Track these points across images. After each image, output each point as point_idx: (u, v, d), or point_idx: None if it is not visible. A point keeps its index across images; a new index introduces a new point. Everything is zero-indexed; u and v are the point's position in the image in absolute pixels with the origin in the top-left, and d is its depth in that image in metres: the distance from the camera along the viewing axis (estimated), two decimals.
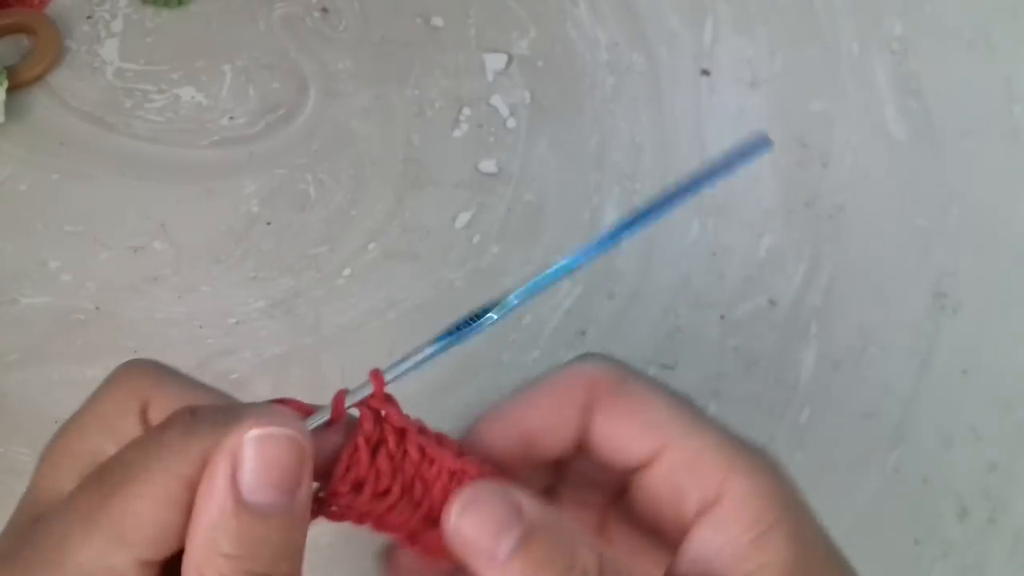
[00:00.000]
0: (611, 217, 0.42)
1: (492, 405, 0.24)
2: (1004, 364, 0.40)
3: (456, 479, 0.22)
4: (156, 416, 0.21)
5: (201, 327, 0.38)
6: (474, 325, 0.23)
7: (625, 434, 0.23)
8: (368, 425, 0.21)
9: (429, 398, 0.38)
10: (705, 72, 0.45)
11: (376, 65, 0.44)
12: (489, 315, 0.23)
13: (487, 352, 0.39)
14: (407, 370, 0.22)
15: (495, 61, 0.44)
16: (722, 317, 0.40)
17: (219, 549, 0.18)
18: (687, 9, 0.46)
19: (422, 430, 0.22)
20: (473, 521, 0.21)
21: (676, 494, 0.22)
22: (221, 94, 0.42)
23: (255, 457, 0.19)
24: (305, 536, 0.20)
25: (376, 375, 0.22)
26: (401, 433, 0.21)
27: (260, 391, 0.38)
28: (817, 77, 0.45)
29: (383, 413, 0.21)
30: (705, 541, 0.22)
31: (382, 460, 0.21)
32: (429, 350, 0.22)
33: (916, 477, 0.38)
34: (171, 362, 0.37)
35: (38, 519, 0.20)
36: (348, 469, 0.21)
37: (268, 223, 0.40)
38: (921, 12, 0.46)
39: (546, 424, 0.23)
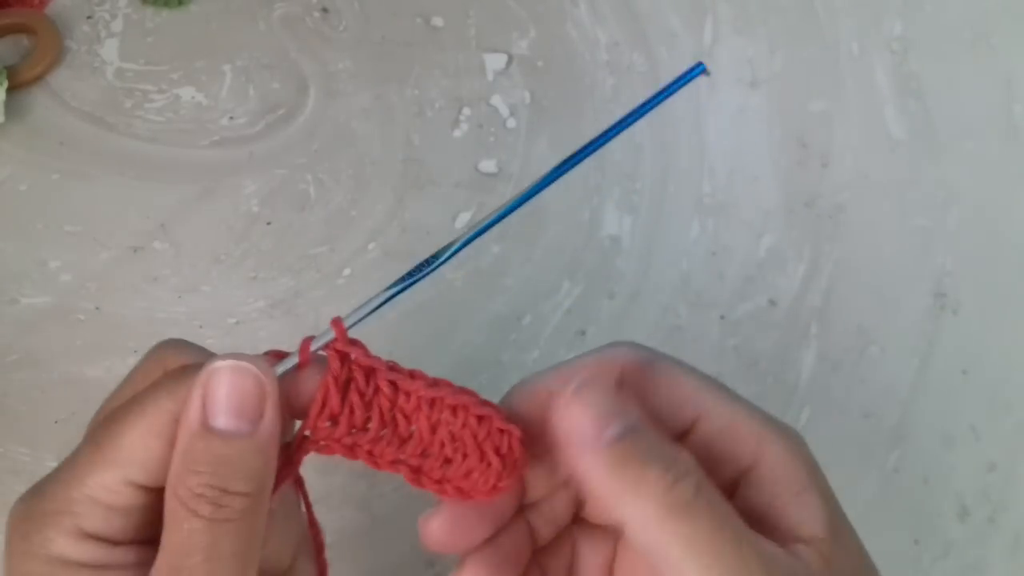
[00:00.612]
0: (611, 217, 0.42)
1: (525, 378, 0.25)
2: (1004, 364, 0.40)
3: (436, 408, 0.23)
4: None
5: (201, 327, 0.38)
6: (424, 271, 0.24)
7: (660, 408, 0.24)
8: (335, 365, 0.23)
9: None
10: (705, 72, 0.45)
11: (376, 65, 0.44)
12: (436, 260, 0.24)
13: (487, 352, 0.39)
14: (365, 315, 0.23)
15: (495, 61, 0.44)
16: (722, 317, 0.40)
17: (189, 466, 0.21)
18: (687, 9, 0.46)
19: (392, 367, 0.23)
20: (580, 407, 0.21)
21: (712, 461, 0.23)
22: (221, 94, 0.42)
23: (220, 386, 0.21)
24: (270, 464, 0.22)
25: (336, 322, 0.23)
26: (370, 371, 0.23)
27: None
28: (817, 77, 0.45)
29: (351, 355, 0.23)
30: (750, 500, 0.23)
31: (353, 395, 0.23)
32: (384, 296, 0.24)
33: (916, 477, 0.38)
34: None
35: None
36: (323, 406, 0.23)
37: (268, 223, 0.40)
38: (921, 12, 0.46)
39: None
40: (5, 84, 0.40)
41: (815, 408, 0.39)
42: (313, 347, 0.23)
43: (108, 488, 0.21)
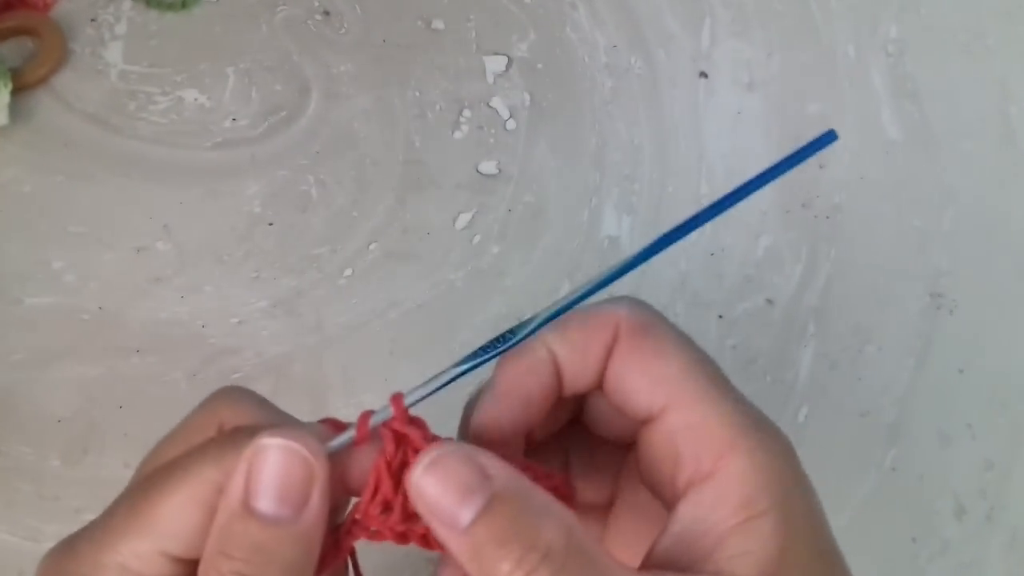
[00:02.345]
0: (610, 217, 0.42)
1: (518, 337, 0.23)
2: (1000, 363, 0.40)
3: None
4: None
5: (204, 327, 0.38)
6: (497, 348, 0.22)
7: (634, 384, 0.22)
8: (389, 447, 0.21)
9: (431, 397, 0.38)
10: (703, 74, 0.45)
11: (377, 67, 0.44)
12: (511, 338, 0.22)
13: None
14: (429, 393, 0.22)
15: (495, 63, 0.44)
16: (720, 316, 0.40)
17: (223, 548, 0.20)
18: (685, 12, 0.46)
19: None
20: (435, 482, 0.20)
21: (672, 459, 0.21)
22: (224, 96, 0.43)
23: (265, 465, 0.20)
24: (312, 554, 0.20)
25: (396, 399, 0.21)
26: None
27: (262, 390, 0.37)
28: (814, 79, 0.45)
29: (406, 434, 0.21)
30: (689, 517, 0.21)
31: (407, 483, 0.21)
32: (452, 372, 0.22)
33: (913, 475, 0.38)
34: (174, 362, 0.38)
35: None
36: (376, 491, 0.21)
37: (270, 224, 0.41)
38: (917, 15, 0.47)
39: (571, 357, 0.22)
40: (10, 86, 0.40)
41: (812, 407, 0.39)
42: (372, 423, 0.21)
43: (141, 557, 0.20)
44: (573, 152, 0.43)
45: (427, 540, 0.21)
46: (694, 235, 0.43)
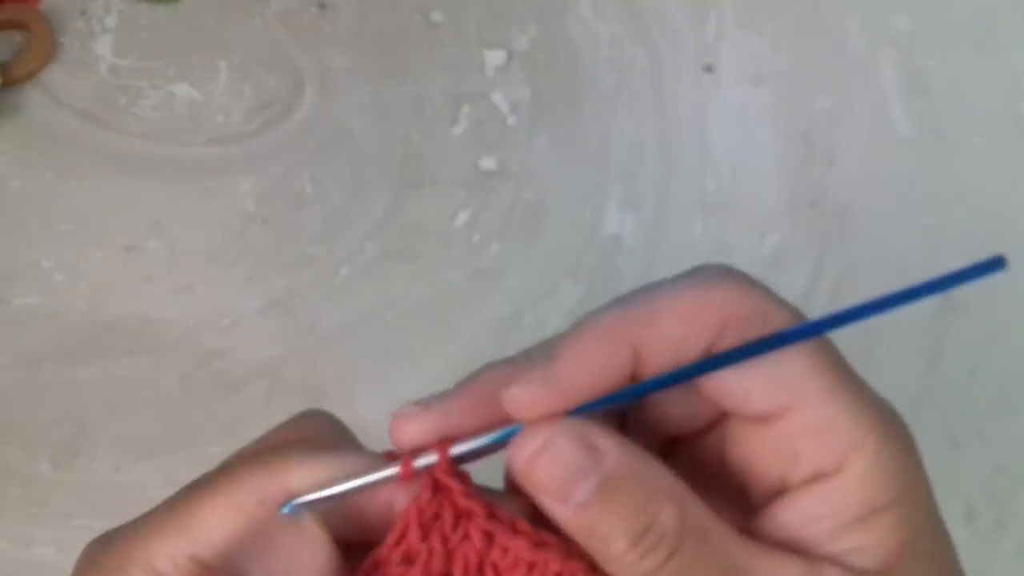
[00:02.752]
0: (613, 215, 0.41)
1: (598, 312, 0.20)
2: (1012, 366, 0.40)
3: (537, 571, 0.20)
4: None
5: (196, 328, 0.38)
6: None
7: (749, 388, 0.20)
8: (424, 495, 0.20)
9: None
10: (708, 68, 0.44)
11: (374, 62, 0.43)
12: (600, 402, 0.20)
13: (488, 352, 0.38)
14: (480, 448, 0.20)
15: (495, 57, 0.43)
16: None
17: None
18: (690, 4, 0.45)
19: (493, 514, 0.20)
20: (545, 465, 0.19)
21: (787, 457, 0.20)
22: (216, 91, 0.42)
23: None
24: None
25: (442, 445, 0.20)
26: (464, 514, 0.20)
27: (256, 393, 0.38)
28: (822, 73, 0.44)
29: (448, 487, 0.20)
30: (804, 509, 0.20)
31: (435, 539, 0.20)
32: (510, 428, 0.20)
33: None
34: (165, 364, 0.38)
35: None
36: (399, 541, 0.20)
37: (264, 222, 0.40)
38: (928, 8, 0.46)
39: (661, 356, 0.20)
40: None
41: None
42: (417, 464, 0.20)
43: (170, 558, 0.20)
44: (575, 148, 0.42)
45: None
46: (699, 234, 0.42)
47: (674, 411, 0.22)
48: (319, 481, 0.20)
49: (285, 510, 0.20)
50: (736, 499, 0.22)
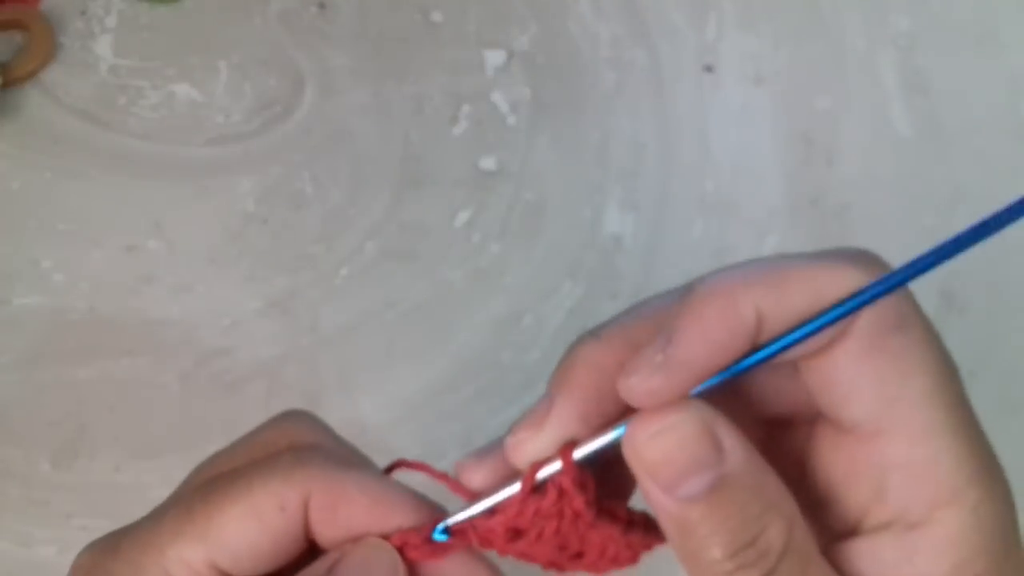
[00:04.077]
0: (613, 215, 0.41)
1: (716, 277, 0.19)
2: (1012, 365, 0.40)
3: (619, 544, 0.20)
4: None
5: (196, 328, 0.38)
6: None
7: (858, 394, 0.18)
8: (551, 499, 0.20)
9: (429, 398, 0.38)
10: (708, 68, 0.44)
11: (374, 61, 0.43)
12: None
13: (487, 353, 0.39)
14: (601, 448, 0.19)
15: (495, 57, 0.43)
16: None
17: None
18: (690, 4, 0.45)
19: (602, 509, 0.20)
20: (663, 448, 0.17)
21: (874, 486, 0.18)
22: (216, 91, 0.42)
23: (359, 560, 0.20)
24: None
25: (564, 452, 0.19)
26: (577, 515, 0.20)
27: (256, 393, 0.37)
28: (822, 73, 0.44)
29: (570, 494, 0.20)
30: (886, 561, 0.18)
31: (548, 531, 0.20)
32: (620, 430, 0.19)
33: None
34: (165, 363, 0.37)
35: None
36: (511, 525, 0.20)
37: (264, 222, 0.40)
38: (928, 7, 0.46)
39: (795, 306, 0.18)
40: None
41: None
42: (541, 474, 0.20)
43: (188, 564, 0.19)
44: (575, 148, 0.42)
45: (524, 556, 0.20)
46: (699, 234, 0.42)
47: (770, 390, 0.20)
48: (337, 494, 0.20)
49: (439, 535, 0.20)
50: (811, 512, 0.20)
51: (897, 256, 0.45)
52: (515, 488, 0.20)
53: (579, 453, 0.19)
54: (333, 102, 0.42)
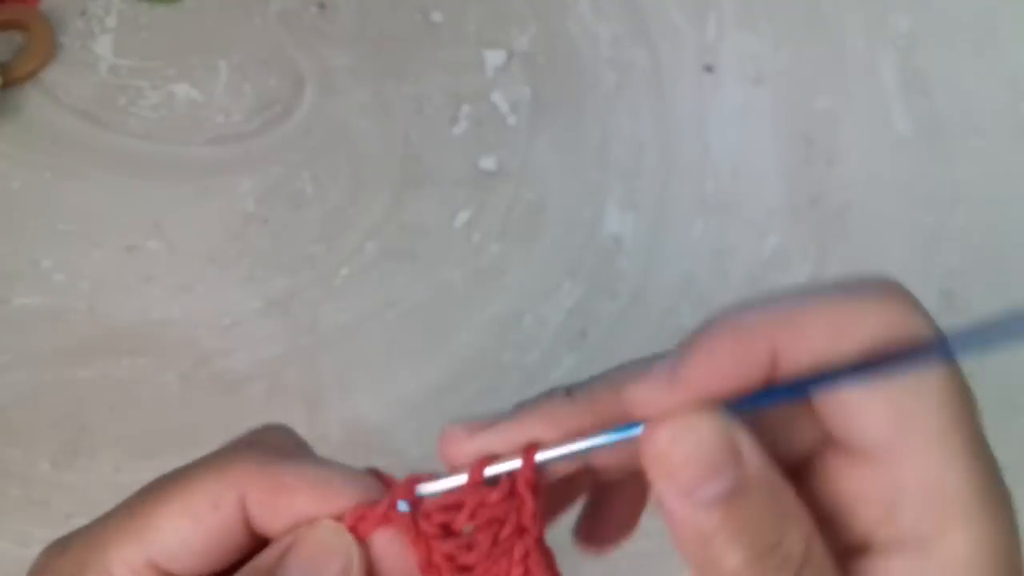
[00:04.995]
0: (613, 215, 0.41)
1: (759, 297, 0.18)
2: (1012, 365, 0.39)
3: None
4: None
5: (196, 328, 0.38)
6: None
7: (869, 415, 0.18)
8: (499, 496, 0.19)
9: (429, 398, 0.38)
10: (708, 68, 0.44)
11: (374, 61, 0.43)
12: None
13: (487, 353, 0.39)
14: (568, 455, 0.19)
15: (495, 57, 0.43)
16: None
17: None
18: (690, 4, 0.45)
19: (543, 546, 0.20)
20: (685, 450, 0.17)
21: (884, 505, 0.18)
22: (216, 91, 0.42)
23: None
24: None
25: (528, 452, 0.19)
26: (520, 531, 0.19)
27: (256, 393, 0.37)
28: (822, 73, 0.44)
29: (522, 499, 0.19)
30: None
31: (485, 535, 0.19)
32: (597, 440, 0.19)
33: None
34: (165, 364, 0.37)
35: None
36: (446, 519, 0.20)
37: (264, 222, 0.40)
38: (928, 8, 0.46)
39: (795, 363, 0.18)
40: None
41: None
42: (492, 471, 0.19)
43: (127, 563, 0.19)
44: (575, 148, 0.42)
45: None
46: (699, 234, 0.42)
47: (780, 430, 0.20)
48: (273, 486, 0.20)
49: (403, 507, 0.19)
50: (820, 531, 0.19)
51: (897, 256, 0.45)
52: (463, 478, 0.19)
53: (544, 456, 0.19)
54: (333, 102, 0.42)
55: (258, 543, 0.21)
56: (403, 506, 0.20)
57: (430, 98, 0.43)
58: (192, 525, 0.20)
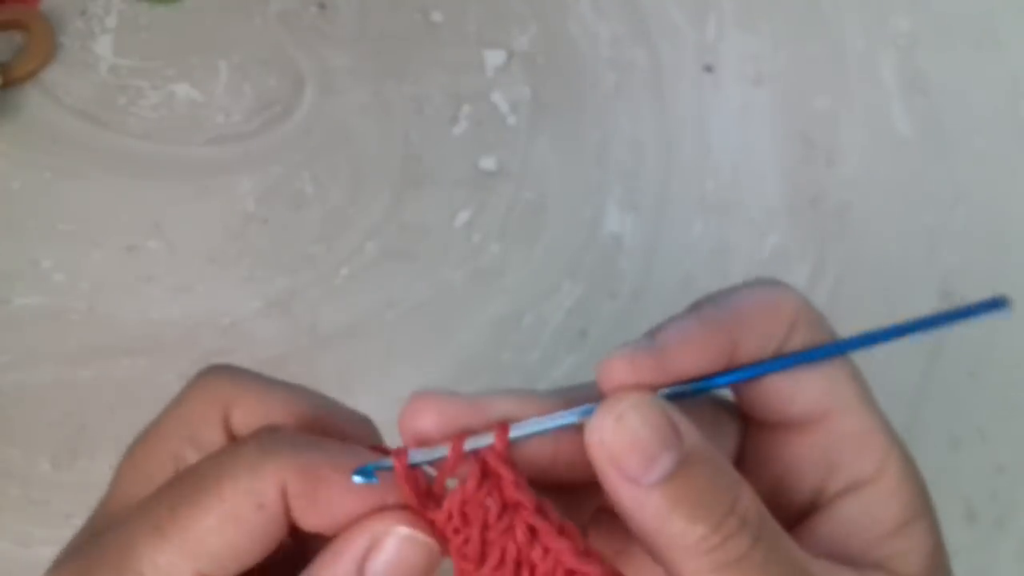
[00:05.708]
0: (613, 215, 0.41)
1: (703, 298, 0.21)
2: (1012, 365, 0.40)
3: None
4: (239, 423, 0.21)
5: (196, 328, 0.38)
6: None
7: (807, 385, 0.20)
8: (473, 479, 0.19)
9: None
10: (708, 68, 0.44)
11: (374, 61, 0.43)
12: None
13: (488, 353, 0.39)
14: (540, 432, 0.19)
15: (495, 57, 0.43)
16: None
17: None
18: (690, 4, 0.45)
19: (542, 509, 0.19)
20: (625, 432, 0.18)
21: (824, 465, 0.21)
22: (216, 91, 0.42)
23: (394, 554, 0.19)
24: None
25: (501, 428, 0.19)
26: (512, 505, 0.19)
27: None
28: (822, 73, 0.44)
29: (499, 474, 0.19)
30: (846, 520, 0.20)
31: (474, 527, 0.19)
32: (569, 417, 0.19)
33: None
34: (165, 363, 0.37)
35: (112, 523, 0.20)
36: (448, 519, 0.19)
37: (264, 222, 0.40)
38: (928, 8, 0.46)
39: (752, 345, 0.20)
40: None
41: None
42: (467, 446, 0.19)
43: (170, 574, 0.19)
44: (575, 148, 0.42)
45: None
46: (699, 234, 0.42)
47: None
48: (313, 478, 0.19)
49: (358, 479, 0.19)
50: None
51: (897, 256, 0.45)
52: (435, 453, 0.19)
53: (517, 431, 0.19)
54: (333, 102, 0.42)
55: (293, 534, 0.20)
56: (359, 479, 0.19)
57: (430, 98, 0.43)
58: (237, 529, 0.19)
